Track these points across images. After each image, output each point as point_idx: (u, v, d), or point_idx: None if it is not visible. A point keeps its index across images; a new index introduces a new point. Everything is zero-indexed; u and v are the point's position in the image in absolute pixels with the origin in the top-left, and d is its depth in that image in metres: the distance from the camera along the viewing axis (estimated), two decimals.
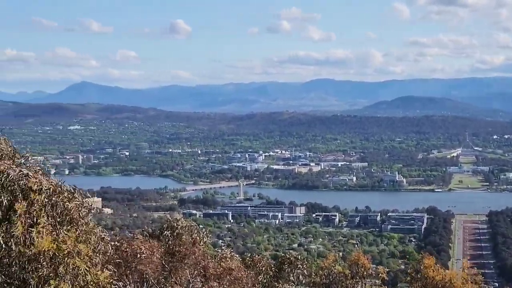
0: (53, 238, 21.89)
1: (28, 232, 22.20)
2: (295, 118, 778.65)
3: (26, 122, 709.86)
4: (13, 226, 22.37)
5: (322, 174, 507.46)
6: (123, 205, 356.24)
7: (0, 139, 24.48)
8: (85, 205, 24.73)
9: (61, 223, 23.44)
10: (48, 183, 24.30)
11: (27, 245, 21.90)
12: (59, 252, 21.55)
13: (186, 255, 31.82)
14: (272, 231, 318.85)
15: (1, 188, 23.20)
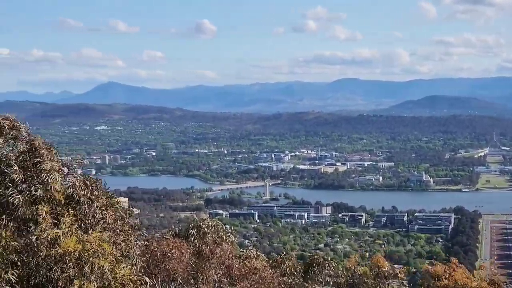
0: (78, 239, 22.33)
1: (54, 233, 22.66)
2: (321, 118, 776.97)
3: (53, 123, 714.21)
4: (39, 227, 22.83)
5: (348, 174, 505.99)
6: (150, 205, 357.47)
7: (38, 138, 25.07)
8: (115, 206, 25.26)
9: (87, 224, 23.94)
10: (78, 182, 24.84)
11: (53, 246, 22.35)
12: (84, 252, 21.97)
13: (212, 255, 32.17)
14: (298, 231, 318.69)
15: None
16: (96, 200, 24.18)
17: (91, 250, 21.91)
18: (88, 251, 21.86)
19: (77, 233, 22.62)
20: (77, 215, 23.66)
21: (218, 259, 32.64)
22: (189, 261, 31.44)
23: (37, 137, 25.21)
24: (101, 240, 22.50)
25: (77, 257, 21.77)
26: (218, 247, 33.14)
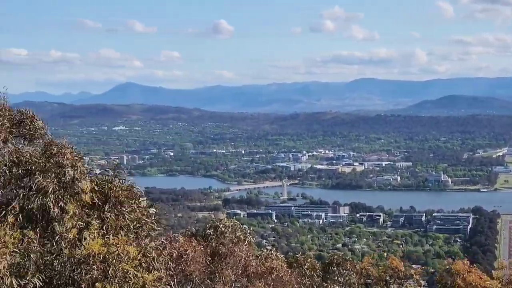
0: (103, 241, 22.38)
1: (79, 234, 22.75)
2: (339, 118, 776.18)
3: (72, 123, 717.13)
4: (64, 227, 22.91)
5: (366, 173, 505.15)
6: (168, 205, 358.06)
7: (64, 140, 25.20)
8: (142, 209, 25.33)
9: (113, 226, 23.99)
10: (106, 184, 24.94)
11: (78, 247, 22.43)
12: (109, 255, 22.00)
13: (229, 255, 32.19)
14: (316, 231, 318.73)
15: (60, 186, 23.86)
16: (123, 201, 24.27)
17: (115, 253, 21.95)
18: (112, 254, 21.90)
19: (103, 235, 22.70)
20: (104, 217, 23.75)
21: (235, 258, 32.66)
22: (205, 261, 31.48)
23: (61, 137, 25.36)
24: (127, 244, 22.54)
25: (101, 259, 21.81)
26: (235, 246, 33.17)
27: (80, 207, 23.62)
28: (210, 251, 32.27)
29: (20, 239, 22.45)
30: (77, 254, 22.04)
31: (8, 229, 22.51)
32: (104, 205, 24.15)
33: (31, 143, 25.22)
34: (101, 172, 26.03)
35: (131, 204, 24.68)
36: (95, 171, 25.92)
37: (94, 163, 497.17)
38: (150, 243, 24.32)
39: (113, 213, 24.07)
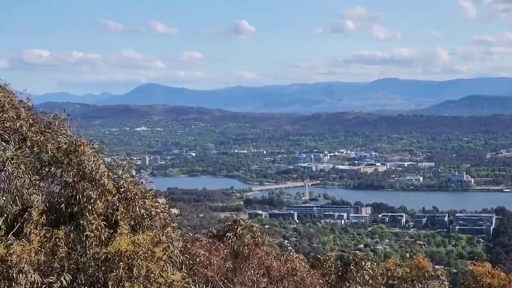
0: (130, 240, 22.43)
1: (104, 233, 22.82)
2: (361, 118, 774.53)
3: (94, 124, 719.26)
4: (89, 226, 23.01)
5: (388, 174, 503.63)
6: (190, 206, 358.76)
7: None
8: (164, 210, 25.40)
9: (139, 226, 24.05)
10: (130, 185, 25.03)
11: (104, 246, 22.50)
12: (134, 254, 22.05)
13: (250, 255, 32.12)
14: (338, 232, 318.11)
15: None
16: (146, 201, 24.37)
17: (141, 252, 22.00)
18: (138, 253, 21.95)
19: (129, 234, 22.76)
20: (128, 216, 23.84)
21: (258, 260, 32.60)
22: (226, 262, 31.47)
23: (83, 137, 25.62)
24: (152, 243, 22.60)
25: (127, 258, 21.87)
26: (257, 247, 33.11)
27: (106, 205, 23.78)
28: (231, 252, 32.24)
29: (48, 237, 22.63)
30: (102, 253, 22.15)
31: (33, 227, 22.69)
32: (129, 204, 24.31)
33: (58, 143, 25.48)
34: (118, 170, 26.16)
35: (144, 199, 24.76)
36: (116, 171, 26.07)
37: (116, 163, 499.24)
38: (171, 242, 24.39)
39: (135, 211, 24.20)
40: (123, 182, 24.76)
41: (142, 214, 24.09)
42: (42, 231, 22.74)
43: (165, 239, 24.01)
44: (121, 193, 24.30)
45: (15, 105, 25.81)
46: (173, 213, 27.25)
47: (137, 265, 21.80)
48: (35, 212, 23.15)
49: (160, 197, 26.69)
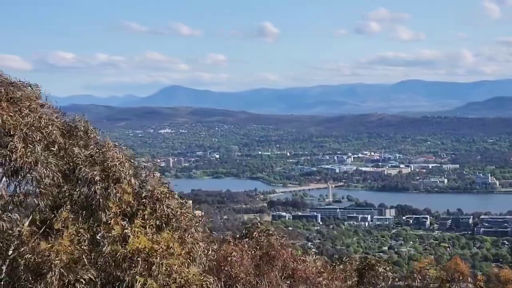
0: (147, 238, 22.73)
1: (122, 230, 23.17)
2: (384, 120, 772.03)
3: (118, 126, 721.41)
4: (107, 225, 23.38)
5: (412, 176, 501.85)
6: (214, 208, 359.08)
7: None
8: (185, 208, 25.70)
9: (165, 226, 24.35)
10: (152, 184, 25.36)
11: (122, 244, 22.84)
12: (152, 251, 22.35)
13: (275, 257, 32.32)
14: (362, 234, 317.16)
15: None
16: (168, 200, 24.66)
17: (159, 250, 22.27)
18: (156, 251, 22.23)
19: (147, 232, 23.05)
20: (150, 214, 24.15)
21: (283, 262, 32.78)
22: (251, 263, 31.65)
23: (107, 139, 26.04)
24: (171, 240, 22.86)
25: (145, 256, 22.16)
26: (283, 249, 33.30)
27: (123, 203, 24.10)
28: (256, 254, 32.43)
29: (74, 234, 23.06)
30: (121, 251, 22.46)
31: (61, 225, 23.17)
32: (150, 202, 24.63)
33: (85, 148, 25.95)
34: (142, 172, 26.57)
35: (168, 199, 25.07)
36: (141, 173, 26.49)
37: (140, 165, 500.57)
38: (194, 240, 24.67)
39: (156, 209, 24.51)
40: (149, 182, 25.12)
41: (168, 214, 24.40)
42: (70, 228, 23.19)
43: (190, 239, 24.29)
44: (147, 193, 24.66)
45: (43, 107, 26.35)
46: (197, 215, 27.57)
47: (156, 262, 22.10)
48: (63, 210, 23.68)
49: (185, 199, 27.03)
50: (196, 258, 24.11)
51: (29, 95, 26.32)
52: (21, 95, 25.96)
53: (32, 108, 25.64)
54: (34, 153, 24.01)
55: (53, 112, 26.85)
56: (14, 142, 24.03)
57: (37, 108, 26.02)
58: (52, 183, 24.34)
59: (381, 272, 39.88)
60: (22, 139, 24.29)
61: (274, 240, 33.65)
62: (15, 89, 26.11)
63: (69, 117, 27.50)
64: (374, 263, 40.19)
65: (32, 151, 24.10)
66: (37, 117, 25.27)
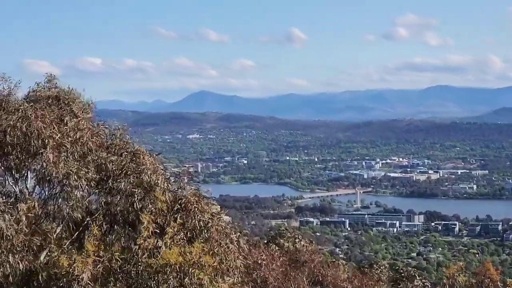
0: (179, 250, 23.01)
1: (155, 243, 23.42)
2: (413, 125, 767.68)
3: (146, 131, 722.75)
4: (141, 236, 23.65)
5: (441, 182, 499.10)
6: (242, 213, 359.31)
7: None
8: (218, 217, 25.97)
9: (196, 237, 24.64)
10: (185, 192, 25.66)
11: (155, 256, 23.12)
12: (185, 263, 22.60)
13: (304, 263, 32.57)
14: (390, 240, 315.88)
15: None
16: (202, 209, 24.94)
17: (191, 262, 22.51)
18: (188, 263, 22.46)
19: (179, 244, 23.30)
20: (182, 224, 24.43)
21: (312, 268, 33.04)
22: (279, 268, 31.92)
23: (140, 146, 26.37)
24: (203, 252, 23.10)
25: (178, 268, 22.40)
26: (312, 256, 33.57)
27: (157, 214, 24.38)
28: (286, 259, 32.73)
29: (104, 248, 23.36)
30: (154, 264, 22.70)
31: (92, 239, 23.47)
32: (177, 212, 24.88)
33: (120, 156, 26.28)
34: (175, 179, 26.82)
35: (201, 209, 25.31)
36: (171, 179, 26.73)
37: (168, 171, 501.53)
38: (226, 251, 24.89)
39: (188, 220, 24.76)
40: (182, 193, 25.42)
41: (200, 226, 24.64)
42: (99, 242, 23.49)
43: (221, 251, 24.54)
44: (180, 205, 24.92)
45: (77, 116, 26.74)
46: (225, 221, 27.77)
47: (188, 274, 22.32)
48: (93, 224, 24.00)
49: (216, 205, 27.24)
50: (228, 269, 24.35)
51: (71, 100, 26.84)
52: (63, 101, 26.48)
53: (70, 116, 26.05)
54: (67, 164, 24.35)
55: (89, 119, 27.29)
56: (46, 153, 24.36)
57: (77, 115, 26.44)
58: (84, 195, 24.70)
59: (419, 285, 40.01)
60: (55, 149, 24.65)
61: (302, 246, 33.89)
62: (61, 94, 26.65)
63: (105, 123, 27.90)
64: (413, 275, 40.30)
65: (65, 161, 24.46)
66: (72, 126, 25.67)
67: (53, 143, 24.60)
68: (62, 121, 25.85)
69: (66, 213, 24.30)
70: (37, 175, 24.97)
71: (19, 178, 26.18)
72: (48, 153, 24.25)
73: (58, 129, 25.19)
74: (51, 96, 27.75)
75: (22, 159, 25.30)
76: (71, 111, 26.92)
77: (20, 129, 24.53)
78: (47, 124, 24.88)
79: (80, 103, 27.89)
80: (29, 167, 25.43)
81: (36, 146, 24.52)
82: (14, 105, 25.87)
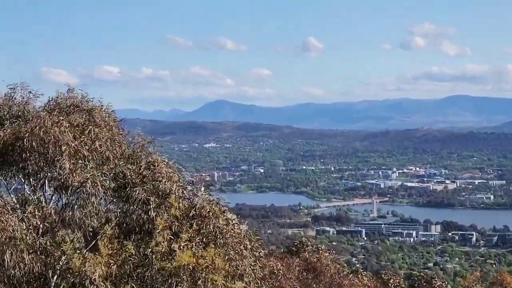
0: (192, 253, 23.13)
1: (169, 246, 23.58)
2: (430, 135, 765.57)
3: (163, 140, 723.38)
4: (154, 240, 23.81)
5: (458, 192, 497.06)
6: (258, 222, 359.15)
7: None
8: (233, 223, 26.07)
9: (203, 241, 24.74)
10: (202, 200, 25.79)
11: (168, 260, 23.25)
12: (198, 266, 22.72)
13: (322, 272, 32.54)
14: (407, 250, 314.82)
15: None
16: (216, 215, 25.05)
17: (204, 265, 22.61)
18: (201, 266, 22.57)
19: (193, 248, 23.42)
20: (197, 230, 24.54)
21: (329, 277, 33.00)
22: (296, 277, 31.91)
23: (157, 154, 26.53)
24: (216, 256, 23.20)
25: (191, 271, 22.50)
26: (329, 264, 33.54)
27: (170, 220, 24.51)
28: (303, 268, 32.70)
29: (118, 250, 23.50)
30: (168, 267, 22.83)
31: (105, 241, 23.61)
32: (192, 218, 25.00)
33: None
34: (191, 188, 26.96)
35: (216, 216, 25.40)
36: (187, 187, 26.86)
37: (185, 179, 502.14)
38: (241, 256, 24.97)
39: (198, 224, 24.88)
40: (198, 200, 25.53)
41: (215, 232, 24.75)
42: (113, 244, 23.63)
43: (237, 257, 24.62)
44: (195, 211, 25.04)
45: (97, 124, 26.89)
46: (242, 228, 27.85)
47: (201, 277, 22.42)
48: (108, 227, 24.15)
49: (232, 213, 27.36)
50: (243, 274, 24.42)
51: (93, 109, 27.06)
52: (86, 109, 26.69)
53: (90, 125, 26.21)
54: (83, 172, 24.48)
55: (110, 128, 27.45)
56: (63, 160, 24.49)
57: (97, 124, 26.60)
58: (101, 202, 24.86)
59: (439, 286, 39.91)
60: (72, 156, 24.79)
61: (321, 255, 33.90)
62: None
63: (124, 131, 28.08)
64: (431, 277, 40.24)
65: (82, 169, 24.60)
66: (91, 134, 25.81)
67: (70, 151, 24.73)
68: (80, 129, 26.01)
69: (82, 220, 24.46)
70: (54, 182, 25.12)
71: (37, 185, 26.35)
72: (65, 161, 24.40)
73: (76, 137, 25.32)
74: (71, 104, 27.96)
75: (40, 167, 25.45)
76: (91, 120, 27.07)
77: (38, 136, 24.66)
78: (64, 131, 25.01)
79: (100, 112, 28.06)
80: (47, 174, 25.59)
81: (53, 154, 24.66)
82: (32, 113, 26.07)
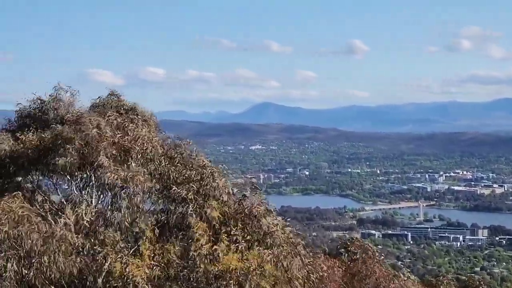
0: (238, 256, 22.87)
1: (213, 249, 23.35)
2: (477, 139, 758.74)
3: (209, 142, 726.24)
4: (198, 243, 23.60)
5: (505, 196, 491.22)
6: (303, 224, 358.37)
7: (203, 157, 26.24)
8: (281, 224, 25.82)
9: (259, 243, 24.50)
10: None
11: (213, 262, 23.03)
12: (244, 270, 22.44)
13: (368, 275, 32.07)
14: (453, 254, 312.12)
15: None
16: (263, 217, 24.81)
17: (251, 269, 22.33)
18: (248, 269, 22.30)
19: (238, 251, 23.18)
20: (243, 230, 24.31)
21: (375, 281, 32.50)
22: (342, 280, 31.52)
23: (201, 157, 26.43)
24: (262, 259, 22.93)
25: (237, 274, 22.26)
26: (375, 268, 33.04)
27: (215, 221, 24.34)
28: (347, 271, 32.30)
29: (161, 252, 23.36)
30: (213, 270, 22.61)
31: (147, 243, 23.49)
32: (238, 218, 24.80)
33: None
34: (238, 189, 26.80)
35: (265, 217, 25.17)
36: (233, 189, 26.69)
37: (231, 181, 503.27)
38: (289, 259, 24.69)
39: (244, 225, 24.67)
40: (245, 201, 25.31)
41: (264, 232, 24.53)
42: (155, 247, 23.50)
43: (283, 257, 24.34)
44: (242, 211, 24.83)
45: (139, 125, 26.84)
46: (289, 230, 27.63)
47: (248, 281, 22.16)
48: (148, 229, 24.02)
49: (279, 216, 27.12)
50: (291, 280, 24.15)
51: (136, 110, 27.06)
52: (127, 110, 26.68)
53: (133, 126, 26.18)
54: (125, 172, 24.40)
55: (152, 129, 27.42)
56: (100, 158, 24.48)
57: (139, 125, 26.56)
58: (145, 201, 24.79)
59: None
60: (114, 157, 24.77)
61: (367, 257, 33.45)
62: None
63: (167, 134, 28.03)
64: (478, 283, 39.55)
65: (123, 169, 24.53)
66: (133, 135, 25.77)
67: (112, 151, 24.72)
68: (123, 130, 25.99)
69: (124, 221, 24.38)
70: (97, 182, 25.13)
71: (81, 185, 26.38)
72: (106, 160, 24.40)
73: (119, 137, 25.30)
74: (115, 105, 28.00)
75: (84, 167, 25.47)
76: (134, 121, 27.06)
77: (80, 137, 24.73)
78: (106, 132, 25.02)
79: (143, 113, 28.06)
80: (90, 174, 25.61)
81: (94, 153, 24.69)
82: (77, 114, 26.15)
